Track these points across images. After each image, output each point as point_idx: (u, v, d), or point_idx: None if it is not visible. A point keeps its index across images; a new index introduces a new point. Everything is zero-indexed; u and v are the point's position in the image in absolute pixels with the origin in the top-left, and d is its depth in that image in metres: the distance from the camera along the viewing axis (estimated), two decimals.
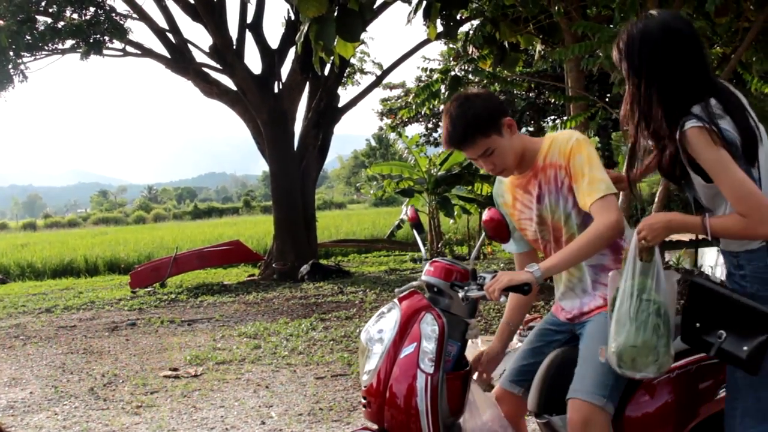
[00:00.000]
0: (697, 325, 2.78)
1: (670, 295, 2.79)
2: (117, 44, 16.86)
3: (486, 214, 3.28)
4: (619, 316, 2.77)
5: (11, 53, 15.66)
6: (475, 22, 10.04)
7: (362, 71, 23.41)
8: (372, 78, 20.54)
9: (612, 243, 3.08)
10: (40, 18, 15.89)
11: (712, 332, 2.75)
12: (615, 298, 2.83)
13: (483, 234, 3.39)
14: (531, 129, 22.42)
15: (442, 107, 18.83)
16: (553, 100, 17.62)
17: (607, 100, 16.65)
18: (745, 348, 2.67)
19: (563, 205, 3.12)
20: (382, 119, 27.21)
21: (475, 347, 6.01)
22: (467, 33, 10.18)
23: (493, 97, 3.25)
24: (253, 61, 17.29)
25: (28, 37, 15.45)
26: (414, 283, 3.28)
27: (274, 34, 20.77)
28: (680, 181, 2.90)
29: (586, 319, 3.17)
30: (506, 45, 9.66)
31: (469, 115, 3.05)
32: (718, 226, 2.70)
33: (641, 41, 2.79)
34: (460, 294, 2.97)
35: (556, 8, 8.41)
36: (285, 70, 17.56)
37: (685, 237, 18.71)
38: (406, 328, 2.97)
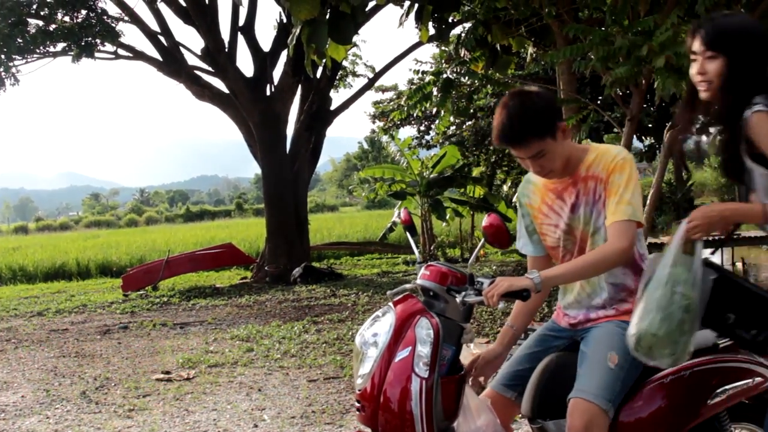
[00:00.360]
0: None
1: (703, 292, 2.76)
2: (108, 47, 16.86)
3: (486, 220, 3.26)
4: (648, 302, 2.74)
5: (2, 56, 15.65)
6: (467, 25, 10.05)
7: (354, 74, 23.41)
8: (364, 81, 20.55)
9: (632, 266, 3.10)
10: (32, 21, 15.88)
11: (722, 314, 2.79)
12: (649, 280, 2.78)
13: (483, 239, 3.37)
14: None
15: (434, 110, 18.88)
16: None
17: (598, 102, 16.66)
18: (753, 332, 2.72)
19: (595, 219, 3.08)
20: (374, 122, 27.20)
21: (469, 351, 6.01)
22: (459, 36, 10.21)
23: (553, 98, 3.18)
24: (245, 63, 17.40)
25: (20, 40, 15.45)
26: (407, 285, 3.26)
27: (266, 37, 20.79)
28: (740, 175, 2.89)
29: (591, 326, 3.16)
30: (498, 48, 9.67)
31: (529, 115, 2.97)
32: None
33: (739, 32, 2.80)
34: (458, 299, 2.95)
35: (548, 11, 8.43)
36: (277, 72, 17.58)
37: None
38: (400, 332, 2.96)
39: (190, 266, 17.62)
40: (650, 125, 24.67)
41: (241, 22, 17.50)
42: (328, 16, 8.37)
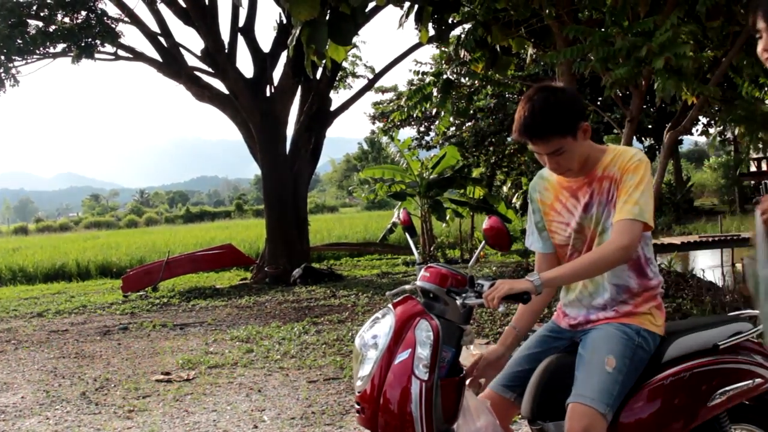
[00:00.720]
0: None
1: None
2: (108, 48, 16.87)
3: (486, 223, 3.24)
4: (763, 310, 2.54)
5: (2, 57, 15.65)
6: (467, 26, 10.06)
7: (354, 75, 23.42)
8: (364, 81, 20.57)
9: (635, 268, 3.09)
10: (32, 22, 15.88)
11: None
12: (757, 288, 2.58)
13: (483, 241, 3.36)
14: None
15: (434, 111, 18.88)
16: None
17: (598, 103, 16.68)
18: None
19: (605, 219, 3.06)
20: (374, 122, 27.24)
21: (469, 353, 6.00)
22: (459, 36, 10.21)
23: (579, 96, 3.14)
24: (245, 64, 17.40)
25: (20, 41, 15.46)
26: (407, 287, 3.25)
27: (266, 38, 20.79)
28: None
29: (590, 327, 3.15)
30: (498, 48, 9.68)
31: (553, 110, 2.92)
32: None
33: None
34: (458, 301, 2.94)
35: (548, 12, 8.44)
36: (277, 73, 17.59)
37: (677, 240, 18.78)
38: (400, 334, 2.95)
39: (190, 267, 17.63)
40: (650, 126, 24.73)
41: (241, 23, 17.52)
42: (327, 17, 8.37)
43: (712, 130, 21.64)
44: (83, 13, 16.05)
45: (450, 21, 10.10)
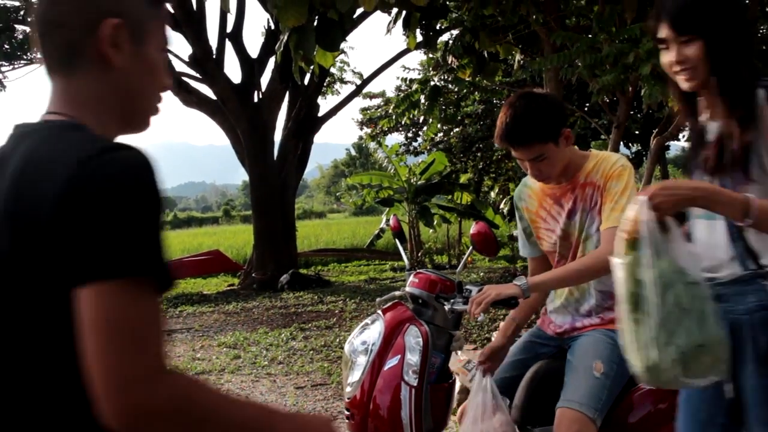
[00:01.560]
0: None
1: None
2: None
3: (474, 228, 3.25)
4: (663, 316, 2.06)
5: None
6: (455, 32, 10.08)
7: (342, 80, 23.43)
8: (352, 87, 20.58)
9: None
10: (19, 27, 15.83)
11: None
12: (634, 294, 2.12)
13: (471, 247, 3.36)
14: None
15: (422, 118, 18.91)
16: None
17: (585, 109, 16.73)
18: None
19: (588, 225, 3.08)
20: (362, 128, 27.21)
21: (457, 358, 5.99)
22: (447, 43, 10.22)
23: (561, 103, 3.15)
24: (233, 70, 17.25)
25: (7, 46, 15.41)
26: (397, 293, 3.26)
27: (254, 44, 20.76)
28: (741, 168, 2.26)
29: (577, 334, 3.16)
30: (485, 54, 9.70)
31: (534, 116, 2.94)
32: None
33: (711, 6, 2.28)
34: (446, 307, 2.95)
35: (535, 18, 8.46)
36: (265, 79, 17.56)
37: None
38: (390, 340, 2.96)
39: (176, 273, 17.53)
40: (637, 132, 24.78)
41: (229, 28, 17.47)
42: (315, 23, 8.36)
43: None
44: None
45: (438, 27, 10.11)
